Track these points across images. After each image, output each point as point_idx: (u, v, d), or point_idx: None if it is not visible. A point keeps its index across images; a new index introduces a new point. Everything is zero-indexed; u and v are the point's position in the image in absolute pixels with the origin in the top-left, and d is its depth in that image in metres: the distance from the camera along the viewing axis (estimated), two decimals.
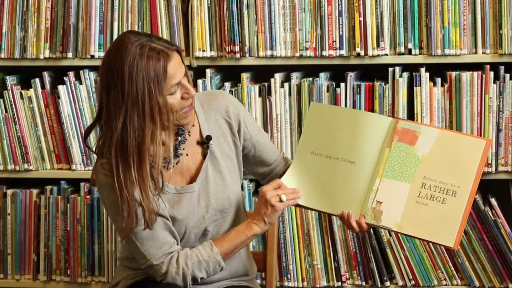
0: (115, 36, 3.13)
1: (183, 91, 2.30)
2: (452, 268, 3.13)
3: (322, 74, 3.13)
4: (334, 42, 3.08)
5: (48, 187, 3.26)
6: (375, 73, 3.22)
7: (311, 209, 2.49)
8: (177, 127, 2.37)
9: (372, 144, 2.38)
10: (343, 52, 3.08)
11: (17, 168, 3.23)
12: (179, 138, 2.40)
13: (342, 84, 3.09)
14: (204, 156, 2.44)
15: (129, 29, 3.13)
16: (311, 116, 2.48)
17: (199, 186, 2.42)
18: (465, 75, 3.03)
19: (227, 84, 3.16)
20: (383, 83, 3.08)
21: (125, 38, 2.26)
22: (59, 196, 3.25)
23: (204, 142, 2.43)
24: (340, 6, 3.06)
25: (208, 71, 3.15)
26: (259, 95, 3.15)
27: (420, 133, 2.35)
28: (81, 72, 3.17)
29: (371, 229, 3.12)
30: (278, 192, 2.38)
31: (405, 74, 3.08)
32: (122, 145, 2.25)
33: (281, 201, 2.38)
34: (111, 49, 2.28)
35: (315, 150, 2.44)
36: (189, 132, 2.42)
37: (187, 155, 2.42)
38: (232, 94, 3.12)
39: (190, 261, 2.36)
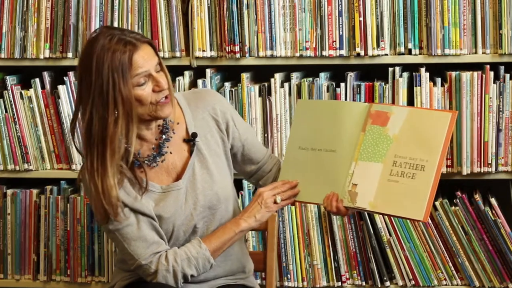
0: None
1: (154, 84, 2.30)
2: (452, 268, 3.13)
3: (322, 74, 3.13)
4: (334, 42, 3.08)
5: (48, 187, 3.26)
6: (375, 73, 3.22)
7: (301, 202, 2.53)
8: (154, 119, 2.37)
9: (349, 131, 2.42)
10: (343, 52, 3.08)
11: (17, 168, 3.23)
12: (163, 136, 2.41)
13: (342, 84, 3.09)
14: (190, 153, 2.44)
15: (129, 29, 3.13)
16: (298, 113, 2.54)
17: (186, 183, 2.42)
18: (465, 75, 3.03)
19: (227, 84, 3.16)
20: (383, 83, 3.08)
21: (99, 32, 2.31)
22: (59, 196, 3.25)
23: (190, 140, 2.44)
24: (340, 6, 3.06)
25: (208, 71, 3.15)
26: (259, 95, 3.14)
27: (392, 114, 2.38)
28: None
29: (371, 229, 3.12)
30: (274, 192, 2.42)
31: (405, 74, 3.08)
32: (89, 135, 2.28)
33: (276, 202, 2.42)
34: (86, 43, 2.33)
35: (302, 145, 2.49)
36: (173, 130, 2.42)
37: (170, 153, 2.42)
38: (232, 94, 3.12)
39: (179, 258, 2.36)
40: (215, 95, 2.51)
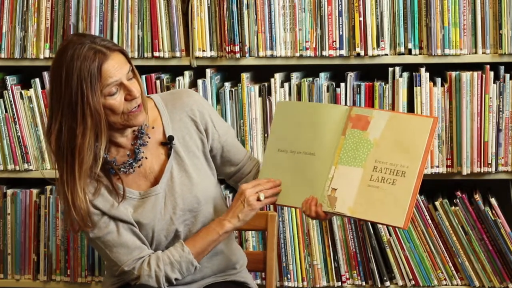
0: (115, 36, 3.13)
1: (126, 93, 2.27)
2: (452, 268, 3.13)
3: (322, 74, 3.13)
4: (334, 42, 3.08)
5: (48, 187, 3.26)
6: (375, 73, 3.22)
7: (280, 205, 2.51)
8: (127, 127, 2.34)
9: (329, 134, 2.39)
10: (343, 52, 3.08)
11: (17, 168, 3.23)
12: (139, 142, 2.38)
13: (342, 84, 3.09)
14: (168, 156, 2.42)
15: (129, 29, 3.13)
16: (278, 114, 2.50)
17: (164, 187, 2.40)
18: (465, 75, 3.03)
19: (227, 84, 3.16)
20: (383, 83, 3.08)
21: (69, 40, 2.27)
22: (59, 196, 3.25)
23: (167, 143, 2.41)
24: (340, 6, 3.06)
25: (208, 71, 3.15)
26: (259, 95, 3.14)
27: (372, 118, 2.34)
28: None
29: (371, 229, 3.12)
30: (257, 190, 2.38)
31: (405, 74, 3.08)
32: (59, 146, 2.26)
33: (259, 200, 2.38)
34: (56, 52, 2.29)
35: (281, 147, 2.46)
36: (147, 134, 2.40)
37: (146, 158, 2.39)
38: (232, 94, 3.12)
39: (162, 263, 2.35)
40: (192, 95, 2.47)
